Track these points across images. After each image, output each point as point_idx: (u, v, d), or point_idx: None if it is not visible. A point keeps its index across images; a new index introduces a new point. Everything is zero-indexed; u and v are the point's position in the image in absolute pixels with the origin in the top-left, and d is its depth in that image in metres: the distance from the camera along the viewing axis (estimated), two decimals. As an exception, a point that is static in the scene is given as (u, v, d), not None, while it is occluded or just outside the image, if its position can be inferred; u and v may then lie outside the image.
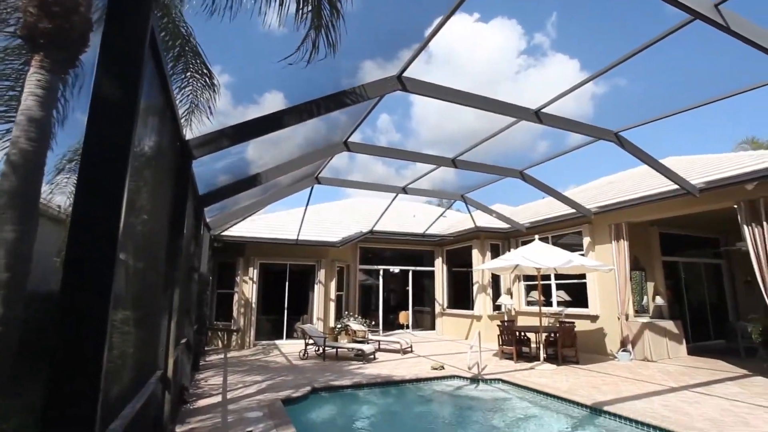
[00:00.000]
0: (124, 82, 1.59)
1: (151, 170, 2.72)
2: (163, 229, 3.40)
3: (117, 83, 1.56)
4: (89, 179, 1.50)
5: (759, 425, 4.88)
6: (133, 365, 2.63)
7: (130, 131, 1.56)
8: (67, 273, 1.47)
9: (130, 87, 1.59)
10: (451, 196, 11.28)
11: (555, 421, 5.76)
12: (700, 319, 11.82)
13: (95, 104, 1.51)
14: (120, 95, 1.56)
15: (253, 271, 12.04)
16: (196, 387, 6.79)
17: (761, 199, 7.35)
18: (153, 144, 2.66)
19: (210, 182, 5.96)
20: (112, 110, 1.54)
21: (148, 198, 2.73)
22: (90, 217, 1.50)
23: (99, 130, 1.51)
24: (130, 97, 1.59)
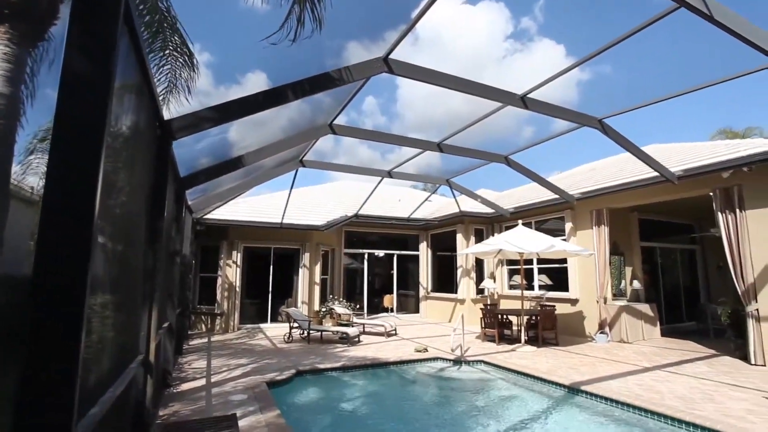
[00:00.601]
0: (97, 57, 1.51)
1: (128, 151, 2.63)
2: (143, 212, 3.32)
3: (89, 58, 1.48)
4: (62, 159, 1.44)
5: (723, 401, 5.13)
6: (114, 350, 2.59)
7: (104, 109, 1.50)
8: (41, 256, 1.42)
9: (104, 62, 1.52)
10: (436, 180, 11.30)
11: (535, 401, 5.94)
12: (673, 302, 12.26)
13: (66, 80, 1.43)
14: (93, 71, 1.49)
15: (237, 255, 11.94)
16: (180, 371, 6.77)
17: (735, 187, 7.57)
18: (130, 123, 2.57)
19: (191, 164, 5.82)
20: (85, 87, 1.47)
21: (127, 179, 2.65)
22: (64, 199, 1.44)
23: (71, 108, 1.44)
24: (103, 73, 1.51)
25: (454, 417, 5.50)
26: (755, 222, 7.35)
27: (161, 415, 4.63)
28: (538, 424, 5.13)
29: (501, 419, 5.25)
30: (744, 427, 4.26)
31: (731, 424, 4.34)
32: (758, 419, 4.51)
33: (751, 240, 7.35)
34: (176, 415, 4.65)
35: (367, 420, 5.41)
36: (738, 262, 7.43)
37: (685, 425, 4.56)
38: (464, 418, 5.42)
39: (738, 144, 8.53)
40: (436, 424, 5.30)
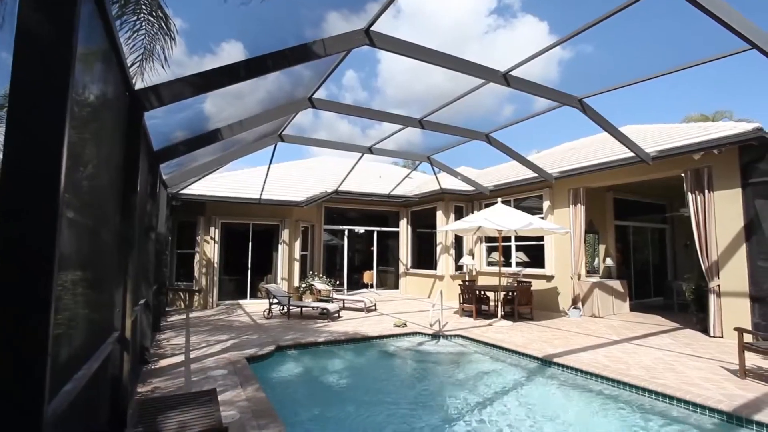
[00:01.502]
0: (56, 18, 1.40)
1: (97, 121, 2.51)
2: (115, 186, 3.19)
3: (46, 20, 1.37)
4: (22, 127, 1.35)
5: (683, 370, 5.44)
6: (87, 327, 2.54)
7: (66, 76, 1.40)
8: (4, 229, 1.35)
9: (63, 25, 1.41)
10: (417, 157, 11.27)
11: (510, 373, 6.17)
12: (643, 278, 12.79)
13: (21, 43, 1.33)
14: (51, 34, 1.38)
15: (215, 231, 11.75)
16: (158, 347, 6.72)
17: (705, 168, 7.82)
18: (98, 92, 2.43)
19: (165, 137, 5.61)
20: (43, 51, 1.37)
21: (96, 151, 2.53)
22: (26, 169, 1.36)
23: (28, 74, 1.34)
24: (63, 37, 1.41)
25: (433, 389, 5.67)
26: (721, 202, 7.64)
27: (140, 391, 4.61)
28: (512, 394, 5.34)
29: (478, 390, 5.45)
30: (699, 393, 4.55)
31: (688, 391, 4.63)
32: (712, 386, 4.82)
33: (717, 220, 7.66)
34: (155, 391, 4.64)
35: (347, 393, 5.52)
36: (704, 241, 7.75)
37: (648, 393, 4.83)
38: (442, 390, 5.59)
39: (709, 127, 8.76)
40: (415, 396, 5.46)
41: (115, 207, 3.26)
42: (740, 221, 7.42)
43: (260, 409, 4.12)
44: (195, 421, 2.92)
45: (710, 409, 4.29)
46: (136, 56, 4.71)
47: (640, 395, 4.89)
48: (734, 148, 7.50)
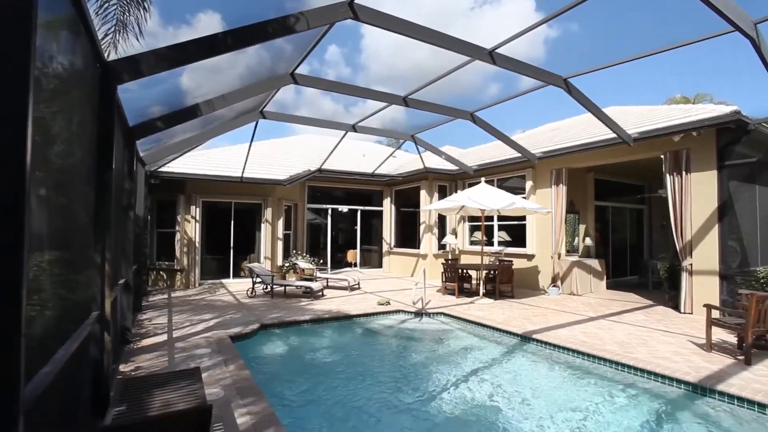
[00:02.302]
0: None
1: (66, 94, 2.38)
2: (89, 163, 3.07)
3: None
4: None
5: (654, 345, 5.69)
6: (65, 307, 2.48)
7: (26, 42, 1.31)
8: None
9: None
10: (401, 136, 11.18)
11: (491, 349, 6.34)
12: (620, 257, 13.17)
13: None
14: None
15: (196, 210, 11.53)
16: (140, 327, 6.65)
17: (684, 150, 7.98)
18: (66, 63, 2.30)
19: (141, 112, 5.41)
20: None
21: (67, 125, 2.42)
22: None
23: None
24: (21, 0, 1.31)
25: (416, 365, 5.79)
26: (698, 184, 7.84)
27: (122, 370, 4.58)
28: (492, 369, 5.50)
29: (459, 366, 5.59)
30: (668, 366, 4.77)
31: (658, 364, 4.85)
32: (681, 359, 5.05)
33: (693, 201, 7.88)
34: (138, 370, 4.62)
35: (332, 370, 5.59)
36: (679, 221, 7.98)
37: (622, 366, 5.04)
38: (425, 365, 5.71)
39: (690, 109, 8.91)
40: (398, 371, 5.57)
41: (90, 185, 3.15)
42: (714, 202, 7.65)
43: (245, 387, 4.14)
44: (179, 400, 2.91)
45: (678, 381, 4.52)
46: (109, 27, 4.48)
47: (614, 369, 5.10)
48: (712, 131, 7.66)
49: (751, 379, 4.43)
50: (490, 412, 4.14)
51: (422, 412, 4.22)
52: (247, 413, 3.56)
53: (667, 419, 4.01)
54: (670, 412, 4.15)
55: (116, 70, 3.48)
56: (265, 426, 3.33)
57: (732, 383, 4.29)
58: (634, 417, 4.02)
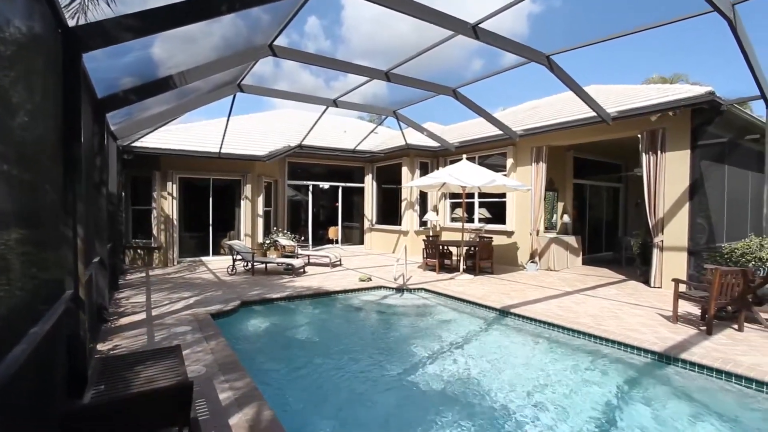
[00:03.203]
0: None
1: (25, 61, 2.23)
2: (56, 136, 2.92)
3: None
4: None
5: (625, 317, 5.94)
6: (35, 287, 2.40)
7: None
8: None
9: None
10: (383, 111, 11.03)
11: (470, 323, 6.51)
12: (596, 234, 13.56)
13: None
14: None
15: (172, 186, 11.22)
16: (117, 306, 6.53)
17: (660, 129, 8.13)
18: (23, 28, 2.15)
19: (111, 84, 5.15)
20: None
21: (28, 96, 2.28)
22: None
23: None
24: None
25: (397, 339, 5.90)
26: (672, 163, 8.05)
27: (100, 349, 4.52)
28: (472, 342, 5.66)
29: (440, 339, 5.72)
30: (636, 337, 5.00)
31: (628, 335, 5.08)
32: (648, 330, 5.30)
33: (667, 180, 8.09)
34: (116, 349, 4.56)
35: (314, 346, 5.66)
36: (653, 199, 8.22)
37: (594, 338, 5.26)
38: (406, 340, 5.83)
39: (667, 89, 9.04)
40: (380, 346, 5.67)
41: (58, 159, 3.00)
42: (686, 181, 7.88)
43: (227, 364, 4.15)
44: (159, 377, 2.90)
45: (645, 351, 4.75)
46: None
47: (587, 340, 5.31)
48: (687, 111, 7.81)
49: (711, 347, 4.69)
50: (468, 383, 4.28)
51: (403, 385, 4.33)
52: (229, 389, 3.58)
53: (634, 386, 4.23)
54: (637, 379, 4.37)
55: (80, 36, 3.28)
56: (248, 401, 3.36)
57: (694, 352, 4.54)
58: (604, 384, 4.22)
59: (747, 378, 3.99)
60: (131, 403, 2.25)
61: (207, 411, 3.22)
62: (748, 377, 3.98)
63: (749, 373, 4.00)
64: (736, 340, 5.02)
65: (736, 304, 5.46)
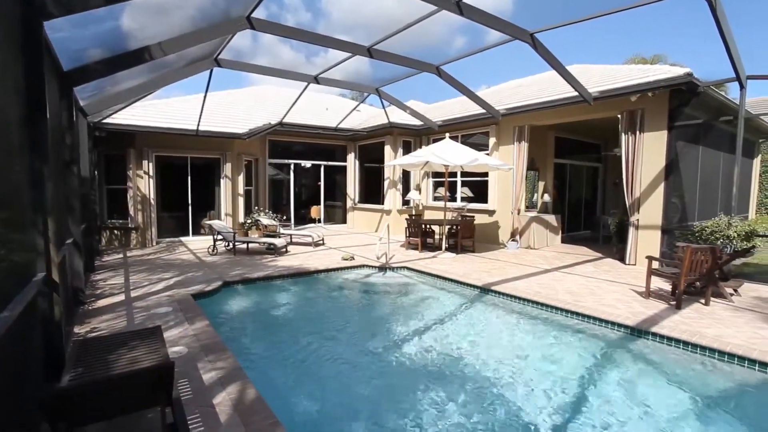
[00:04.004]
0: None
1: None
2: (18, 112, 2.77)
3: None
4: None
5: (602, 294, 6.13)
6: (5, 269, 2.31)
7: None
8: None
9: None
10: (365, 89, 10.84)
11: (452, 300, 6.62)
12: (575, 213, 13.84)
13: None
14: None
15: (148, 165, 10.88)
16: (94, 288, 6.39)
17: (639, 110, 8.24)
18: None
19: (78, 56, 4.88)
20: None
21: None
22: None
23: None
24: None
25: (380, 317, 5.97)
26: (649, 143, 8.19)
27: (77, 332, 4.43)
28: (453, 319, 5.78)
29: (422, 317, 5.81)
30: (611, 312, 5.19)
31: (603, 311, 5.26)
32: (623, 306, 5.50)
33: (644, 159, 8.25)
34: (95, 331, 4.48)
35: (297, 325, 5.68)
36: (630, 179, 8.39)
37: (572, 314, 5.43)
38: (389, 317, 5.90)
39: (647, 70, 9.11)
40: (363, 324, 5.73)
41: (23, 137, 2.86)
42: (663, 161, 8.06)
43: (209, 344, 4.14)
44: (139, 358, 2.86)
45: (619, 325, 4.94)
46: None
47: (565, 316, 5.48)
48: (666, 92, 7.92)
49: (680, 321, 4.91)
50: (450, 358, 4.38)
51: (386, 362, 4.40)
52: (212, 369, 3.58)
53: (608, 358, 4.41)
54: (612, 352, 4.56)
55: (38, 3, 3.08)
56: (232, 380, 3.37)
57: (664, 325, 4.74)
58: (581, 357, 4.39)
59: (710, 348, 4.21)
60: (110, 384, 2.22)
61: (190, 390, 3.22)
62: (711, 348, 4.21)
63: (712, 344, 4.22)
64: (703, 313, 5.25)
65: (704, 279, 5.69)
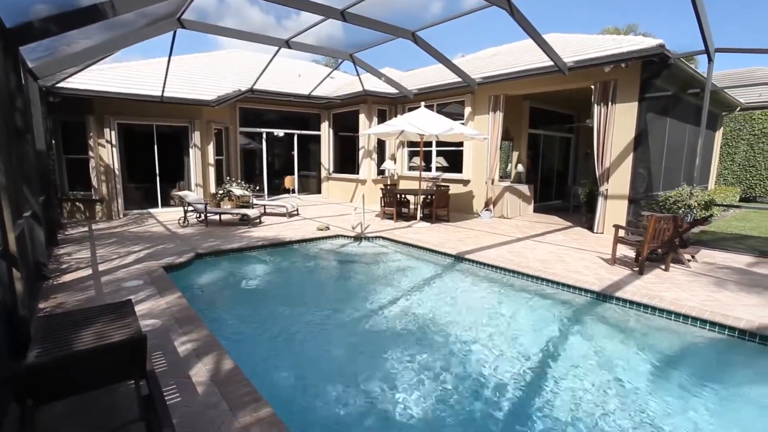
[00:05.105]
0: None
1: None
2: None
3: None
4: None
5: (570, 261, 6.37)
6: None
7: None
8: None
9: None
10: (339, 54, 10.49)
11: (426, 269, 6.73)
12: (547, 183, 14.14)
13: None
14: None
15: (110, 133, 10.31)
16: (59, 263, 6.14)
17: (612, 81, 8.32)
18: None
19: (22, 11, 4.46)
20: None
21: None
22: None
23: None
24: None
25: (355, 286, 6.03)
26: (620, 114, 8.33)
27: (42, 308, 4.28)
28: (428, 286, 5.90)
29: (397, 285, 5.90)
30: (579, 279, 5.42)
31: (571, 277, 5.48)
32: (590, 272, 5.74)
33: (615, 131, 8.41)
34: (61, 306, 4.34)
35: (273, 296, 5.67)
36: (601, 150, 8.57)
37: (542, 281, 5.63)
38: (364, 286, 5.96)
39: (621, 40, 9.15)
40: (338, 293, 5.78)
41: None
42: (632, 133, 8.24)
43: (183, 316, 4.08)
44: (110, 332, 2.79)
45: (586, 290, 5.17)
46: None
47: (536, 283, 5.68)
48: (638, 64, 8.00)
49: (642, 286, 5.18)
50: (425, 324, 4.49)
51: (362, 330, 4.48)
52: (187, 341, 3.55)
53: (576, 321, 4.64)
54: (578, 315, 4.79)
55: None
56: (208, 351, 3.35)
57: (627, 290, 5.00)
58: (550, 321, 4.60)
59: (668, 311, 4.50)
60: (80, 359, 2.17)
61: (165, 363, 3.19)
62: (668, 310, 4.50)
63: (670, 306, 4.51)
64: (663, 278, 5.55)
65: (665, 247, 5.98)
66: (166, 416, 1.87)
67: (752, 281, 5.46)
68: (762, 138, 14.85)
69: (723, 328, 4.13)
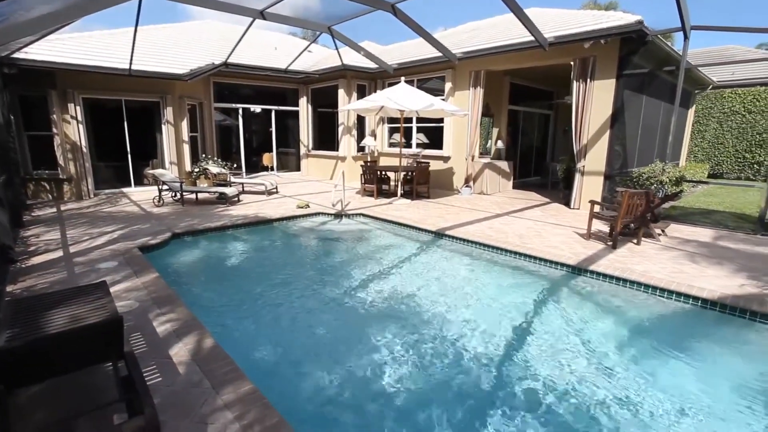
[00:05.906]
0: None
1: None
2: None
3: None
4: None
5: (547, 236, 6.52)
6: None
7: None
8: None
9: None
10: (316, 27, 10.15)
11: (407, 245, 6.78)
12: (526, 160, 14.30)
13: None
14: None
15: (75, 108, 9.79)
16: (27, 245, 5.91)
17: (591, 57, 8.35)
18: None
19: (-28, -27, 4.12)
20: None
21: None
22: None
23: None
24: None
25: (336, 264, 6.04)
26: (599, 91, 8.41)
27: (10, 291, 4.13)
28: (409, 262, 5.96)
29: (379, 262, 5.94)
30: (556, 253, 5.57)
31: (548, 252, 5.63)
32: (566, 247, 5.90)
33: (593, 108, 8.50)
34: (30, 290, 4.20)
35: (253, 275, 5.62)
36: (579, 127, 8.67)
37: (520, 255, 5.76)
38: (345, 264, 5.98)
39: (601, 16, 9.14)
40: (319, 271, 5.78)
41: None
42: (610, 109, 8.34)
43: (161, 297, 4.02)
44: (84, 315, 2.72)
45: (562, 264, 5.32)
46: None
47: (514, 257, 5.81)
48: (617, 41, 8.02)
49: (614, 259, 5.37)
50: (407, 300, 4.55)
51: (344, 307, 4.51)
52: (166, 321, 3.50)
53: (552, 293, 4.79)
54: (554, 288, 4.94)
55: None
56: (188, 331, 3.32)
57: (600, 264, 5.18)
58: (527, 293, 4.73)
59: (638, 282, 4.70)
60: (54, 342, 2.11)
61: (144, 344, 3.15)
62: (638, 282, 4.70)
63: (640, 278, 4.72)
64: (634, 252, 5.76)
65: (638, 221, 6.18)
66: (146, 396, 1.86)
67: (715, 254, 5.72)
68: (731, 116, 15.30)
69: (687, 297, 4.35)
